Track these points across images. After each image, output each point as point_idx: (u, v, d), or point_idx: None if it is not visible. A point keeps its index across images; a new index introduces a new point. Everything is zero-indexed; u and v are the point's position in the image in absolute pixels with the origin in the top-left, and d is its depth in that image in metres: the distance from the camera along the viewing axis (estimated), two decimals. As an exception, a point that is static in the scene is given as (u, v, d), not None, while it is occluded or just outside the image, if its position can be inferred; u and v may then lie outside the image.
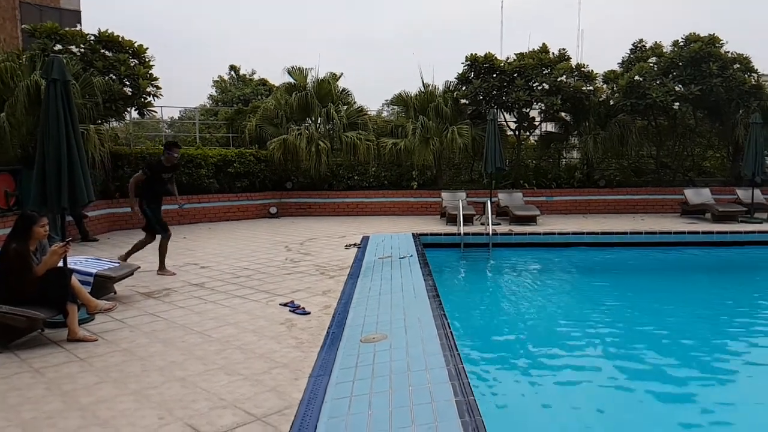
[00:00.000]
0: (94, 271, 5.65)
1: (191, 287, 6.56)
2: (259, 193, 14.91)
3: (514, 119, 15.98)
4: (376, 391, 3.46)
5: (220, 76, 26.15)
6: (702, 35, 14.55)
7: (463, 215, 11.22)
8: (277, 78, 16.31)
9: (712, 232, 11.28)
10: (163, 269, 7.36)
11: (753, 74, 14.63)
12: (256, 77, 24.76)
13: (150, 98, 12.64)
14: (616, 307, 7.41)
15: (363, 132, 15.20)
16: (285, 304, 5.62)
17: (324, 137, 14.92)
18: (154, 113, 13.93)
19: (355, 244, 9.73)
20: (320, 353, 4.22)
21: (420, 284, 6.36)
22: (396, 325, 4.78)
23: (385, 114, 19.03)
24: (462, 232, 10.78)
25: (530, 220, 12.65)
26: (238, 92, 22.24)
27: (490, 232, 10.84)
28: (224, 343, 4.50)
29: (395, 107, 17.07)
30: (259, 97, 20.47)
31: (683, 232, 11.27)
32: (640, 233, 11.16)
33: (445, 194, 14.18)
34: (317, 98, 15.32)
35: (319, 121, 15.61)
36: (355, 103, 16.12)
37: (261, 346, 4.39)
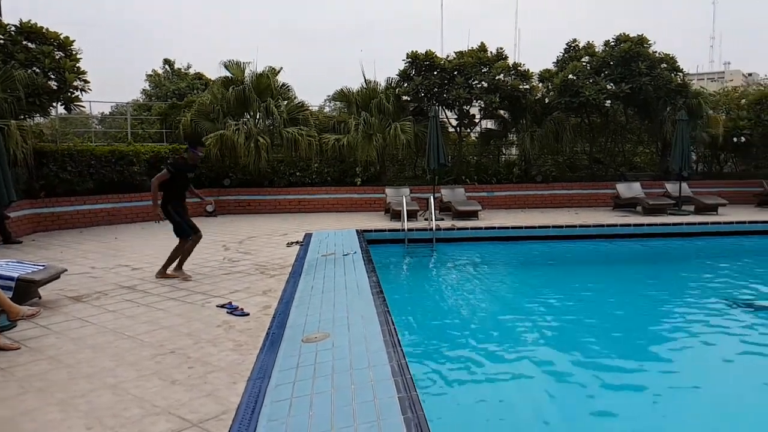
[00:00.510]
0: (16, 275, 5.30)
1: (123, 290, 6.27)
2: (195, 191, 14.40)
3: (455, 116, 16.24)
4: (317, 391, 3.40)
5: (153, 70, 25.18)
6: (632, 35, 15.28)
7: (407, 211, 11.29)
8: (214, 72, 15.92)
9: (642, 225, 11.88)
10: (180, 270, 6.94)
11: (679, 73, 15.50)
12: (191, 71, 24.03)
13: (77, 93, 11.99)
14: (555, 298, 7.66)
15: (304, 128, 15.02)
16: (222, 306, 5.46)
17: (264, 133, 14.63)
18: (82, 108, 13.23)
19: (297, 242, 9.59)
20: (259, 355, 4.11)
21: (364, 281, 6.34)
22: (339, 324, 4.74)
23: (327, 110, 18.88)
24: (406, 228, 10.85)
25: (472, 215, 12.90)
26: (173, 87, 21.53)
27: (434, 228, 10.97)
28: (158, 347, 4.31)
29: (337, 103, 16.97)
30: (195, 91, 19.88)
31: (615, 225, 11.81)
32: (575, 226, 11.61)
33: (389, 190, 14.24)
34: (256, 93, 14.99)
35: (258, 117, 15.30)
36: (295, 98, 15.91)
37: (197, 350, 4.24)
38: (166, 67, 25.03)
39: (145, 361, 4.03)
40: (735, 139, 16.22)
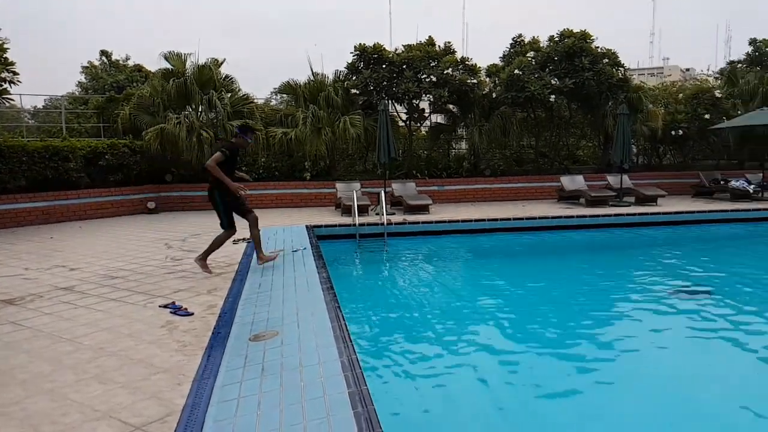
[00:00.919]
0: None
1: (59, 291, 6.01)
2: (136, 187, 13.96)
3: (405, 110, 16.35)
4: (265, 390, 3.38)
5: (90, 62, 24.20)
6: (575, 31, 15.78)
7: (358, 206, 11.29)
8: (154, 64, 15.38)
9: (585, 216, 12.33)
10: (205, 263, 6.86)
11: (620, 68, 16.12)
12: (130, 63, 23.23)
13: (6, 85, 11.36)
14: (504, 289, 7.87)
15: (250, 121, 14.74)
16: (165, 306, 5.32)
17: (206, 126, 14.29)
18: (11, 102, 12.52)
19: (244, 239, 9.44)
20: (205, 355, 4.04)
21: (314, 277, 6.32)
22: (288, 321, 4.72)
23: (273, 103, 18.62)
24: (357, 223, 10.86)
25: (423, 209, 13.04)
26: (111, 79, 20.82)
27: (385, 222, 11.03)
28: (98, 350, 4.17)
29: (284, 96, 16.75)
30: (135, 84, 19.25)
31: (560, 217, 12.22)
32: (522, 219, 11.94)
33: (339, 185, 14.20)
34: (198, 85, 14.61)
35: (200, 110, 14.91)
36: (239, 90, 15.59)
37: (139, 352, 4.13)
38: (104, 58, 24.13)
39: (84, 364, 3.89)
40: (673, 132, 17.05)
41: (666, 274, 8.65)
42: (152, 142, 13.53)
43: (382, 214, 11.16)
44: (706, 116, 16.70)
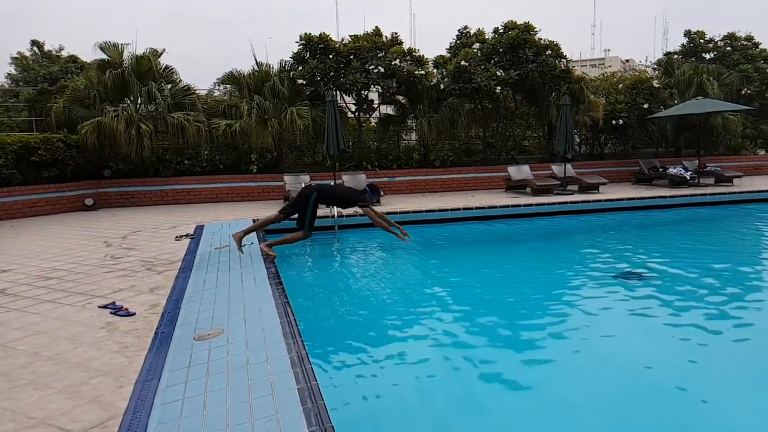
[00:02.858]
0: None
1: (-14, 297, 5.73)
2: (72, 184, 13.39)
3: (354, 101, 16.33)
4: (211, 390, 3.36)
5: (20, 53, 23.07)
6: (519, 23, 16.14)
7: (306, 199, 11.16)
8: (90, 55, 14.71)
9: (531, 205, 12.74)
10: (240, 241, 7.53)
11: (562, 60, 16.61)
12: (64, 54, 22.25)
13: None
14: (454, 278, 8.05)
15: (192, 113, 14.39)
16: (105, 306, 5.17)
17: (146, 119, 13.84)
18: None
19: (187, 235, 9.25)
20: (148, 357, 3.97)
21: (261, 273, 6.28)
22: (234, 318, 4.68)
23: (217, 93, 18.18)
24: (305, 217, 10.77)
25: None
26: (43, 71, 19.95)
27: (335, 215, 11.02)
28: (33, 354, 4.03)
29: (228, 86, 16.40)
30: (69, 75, 18.45)
31: (508, 206, 12.56)
32: (472, 209, 12.20)
33: (287, 177, 14.07)
34: (136, 76, 14.11)
35: (139, 102, 14.42)
36: (180, 81, 15.17)
37: (78, 355, 4.01)
38: (35, 49, 23.06)
39: (18, 370, 3.75)
40: (614, 122, 17.74)
41: (609, 259, 9.05)
42: (89, 136, 12.99)
43: (332, 207, 11.14)
44: (645, 106, 17.47)
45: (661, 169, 16.69)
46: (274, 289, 5.50)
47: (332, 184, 7.15)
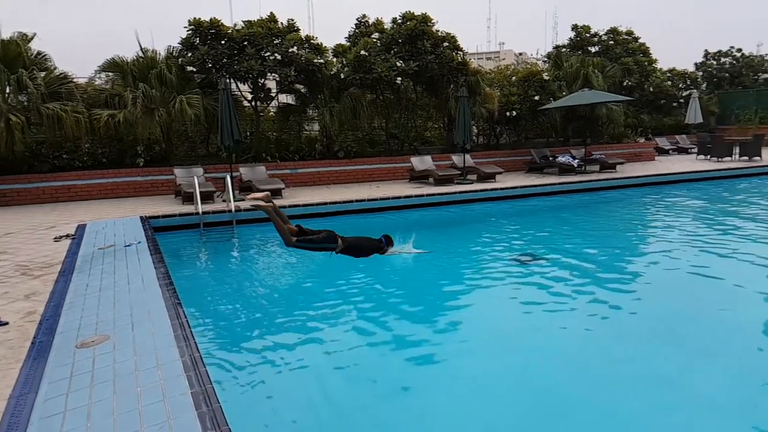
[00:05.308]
0: None
1: None
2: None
3: (250, 90, 15.92)
4: (97, 400, 3.21)
5: None
6: (417, 14, 16.49)
7: (202, 193, 10.88)
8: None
9: (434, 194, 13.18)
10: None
11: (459, 52, 17.20)
12: None
13: None
14: (357, 271, 8.13)
15: (70, 102, 13.35)
16: (-30, 318, 4.72)
17: (17, 110, 12.65)
18: None
19: (67, 235, 8.62)
20: (23, 369, 3.69)
21: (150, 273, 6.01)
22: (121, 323, 4.46)
23: (98, 82, 16.97)
24: (200, 211, 10.46)
25: (275, 193, 12.89)
26: None
27: (233, 209, 10.75)
28: None
29: (110, 74, 15.35)
30: None
31: (411, 196, 12.90)
32: (377, 199, 12.40)
33: (178, 171, 13.47)
34: (3, 63, 12.84)
35: (8, 91, 13.14)
36: (56, 68, 13.98)
37: (-64, 375, 3.63)
38: None
39: None
40: (508, 114, 18.66)
41: (507, 244, 9.59)
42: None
43: (230, 201, 10.86)
44: (536, 98, 18.53)
45: (551, 158, 17.84)
46: (164, 290, 5.30)
47: (356, 237, 6.55)
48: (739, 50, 31.94)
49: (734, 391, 4.32)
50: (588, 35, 23.46)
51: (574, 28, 23.59)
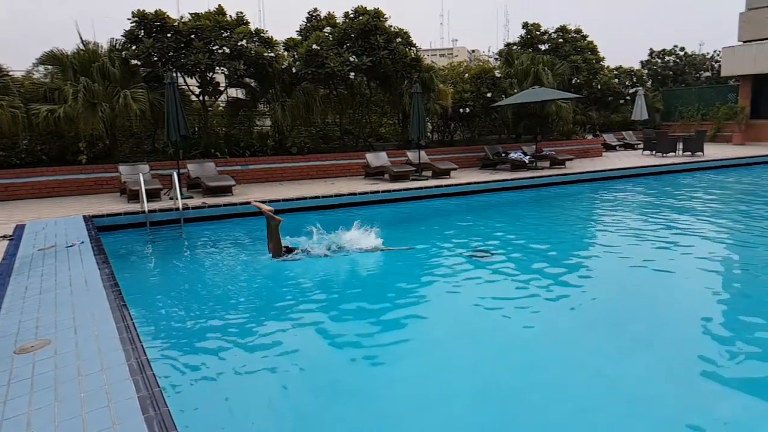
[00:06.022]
0: None
1: None
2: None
3: (198, 84, 15.56)
4: (37, 407, 3.09)
5: None
6: (369, 9, 16.47)
7: (148, 190, 10.60)
8: None
9: (390, 191, 13.22)
10: None
11: (412, 48, 17.30)
12: None
13: None
14: (308, 270, 8.07)
15: (6, 97, 12.74)
16: None
17: (-55, 103, 12.00)
18: None
19: (5, 236, 8.24)
20: (-46, 379, 3.50)
21: (94, 275, 5.81)
22: (63, 327, 4.30)
23: (36, 76, 16.23)
24: (147, 210, 10.19)
25: (225, 190, 12.68)
26: None
27: (180, 207, 10.52)
28: None
29: (49, 67, 14.71)
30: None
31: (367, 192, 12.90)
32: (331, 196, 12.35)
33: (123, 168, 13.06)
34: (-73, 50, 12.14)
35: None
36: (-12, 60, 13.32)
37: None
38: None
39: None
40: (461, 110, 18.94)
41: (461, 239, 9.71)
42: None
43: (177, 198, 10.60)
44: (488, 95, 18.86)
45: (503, 155, 18.19)
46: (109, 291, 5.14)
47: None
48: (683, 49, 33.42)
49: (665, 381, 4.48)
50: (538, 33, 24.00)
51: (525, 25, 24.09)
